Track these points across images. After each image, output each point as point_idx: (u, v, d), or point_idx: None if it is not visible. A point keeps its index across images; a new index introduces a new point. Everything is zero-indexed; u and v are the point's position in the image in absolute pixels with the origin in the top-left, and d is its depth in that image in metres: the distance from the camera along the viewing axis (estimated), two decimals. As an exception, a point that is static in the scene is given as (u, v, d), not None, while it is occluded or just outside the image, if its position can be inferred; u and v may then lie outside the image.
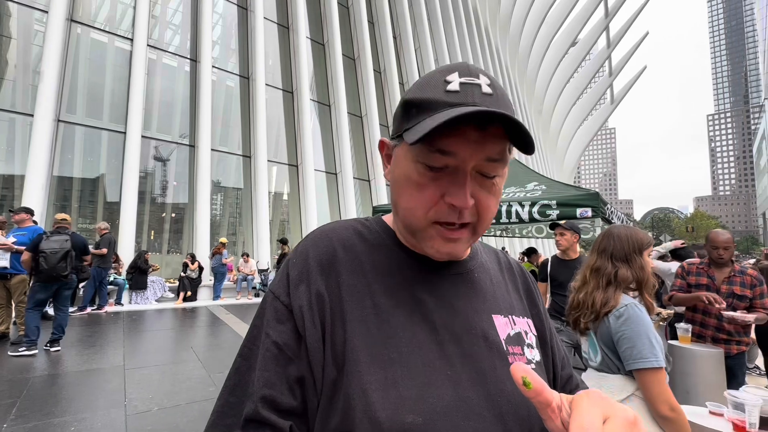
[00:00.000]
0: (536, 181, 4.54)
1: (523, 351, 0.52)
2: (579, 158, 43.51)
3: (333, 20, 14.25)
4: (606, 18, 36.07)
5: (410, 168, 0.47)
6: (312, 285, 0.48)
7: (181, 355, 4.58)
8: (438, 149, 0.44)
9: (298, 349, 0.45)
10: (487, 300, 0.54)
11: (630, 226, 1.58)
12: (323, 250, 0.51)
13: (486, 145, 0.44)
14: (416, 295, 0.49)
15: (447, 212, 0.46)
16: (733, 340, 2.54)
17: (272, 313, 0.48)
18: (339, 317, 0.46)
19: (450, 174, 0.45)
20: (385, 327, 0.46)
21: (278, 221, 13.69)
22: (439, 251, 0.48)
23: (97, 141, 9.75)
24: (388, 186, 0.51)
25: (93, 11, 10.08)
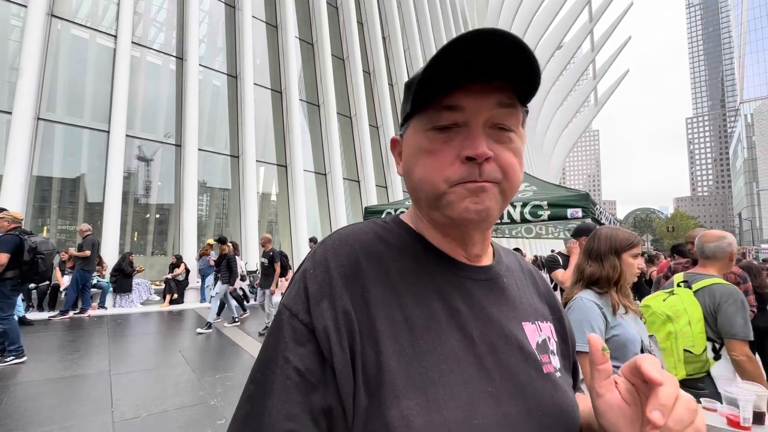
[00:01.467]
0: (527, 182, 4.60)
1: (550, 359, 0.50)
2: (564, 159, 44.34)
3: (322, 20, 14.19)
4: (590, 22, 36.87)
5: (421, 139, 0.45)
6: (337, 301, 0.42)
7: (168, 359, 4.48)
8: (444, 106, 0.43)
9: (322, 375, 0.40)
10: (516, 307, 0.51)
11: (616, 228, 1.62)
12: (345, 260, 0.45)
13: (492, 93, 0.42)
14: (450, 304, 0.45)
15: (466, 170, 0.43)
16: None
17: (290, 333, 0.42)
18: (369, 337, 0.41)
19: (462, 132, 0.43)
20: (420, 343, 0.41)
21: (266, 222, 13.54)
22: (469, 208, 0.43)
23: (79, 140, 9.47)
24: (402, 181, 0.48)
25: (74, 6, 9.79)
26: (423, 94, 0.44)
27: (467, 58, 0.39)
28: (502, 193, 0.45)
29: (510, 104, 0.43)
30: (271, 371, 0.41)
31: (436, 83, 0.42)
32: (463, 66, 0.40)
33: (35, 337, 5.18)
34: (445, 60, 0.40)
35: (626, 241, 1.54)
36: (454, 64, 0.40)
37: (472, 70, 0.41)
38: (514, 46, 0.39)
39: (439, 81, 0.42)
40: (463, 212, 0.43)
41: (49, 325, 5.93)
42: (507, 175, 0.44)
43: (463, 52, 0.39)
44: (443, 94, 0.43)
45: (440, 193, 0.44)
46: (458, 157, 0.43)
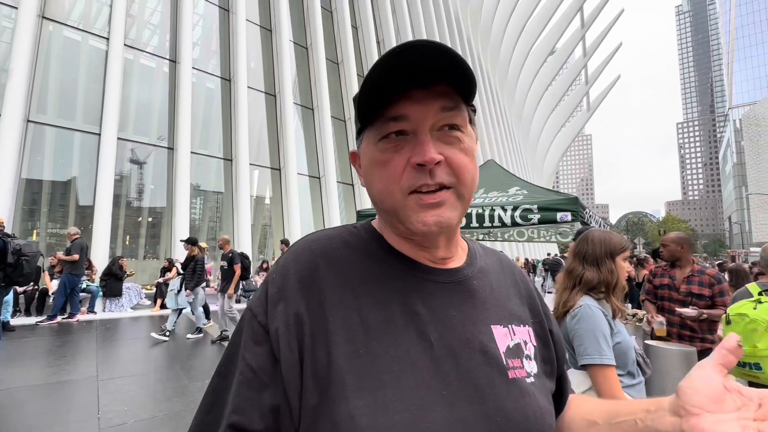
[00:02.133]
0: (518, 185, 4.63)
1: (522, 363, 0.49)
2: (557, 164, 44.70)
3: (316, 24, 14.24)
4: (582, 29, 37.37)
5: (373, 151, 0.46)
6: (290, 304, 0.44)
7: (158, 365, 4.43)
8: (390, 118, 0.44)
9: (273, 374, 0.42)
10: (486, 309, 0.50)
11: (607, 231, 1.61)
12: (304, 265, 0.47)
13: (434, 99, 0.44)
14: (410, 307, 0.45)
15: (417, 175, 0.43)
16: (696, 337, 2.65)
17: (250, 333, 0.45)
18: (322, 338, 0.42)
19: (410, 140, 0.44)
20: (374, 345, 0.42)
21: (260, 225, 13.48)
22: (426, 222, 0.44)
23: (70, 142, 9.38)
24: None
25: (66, 8, 9.73)
26: (366, 108, 0.45)
27: (401, 69, 0.41)
28: (459, 197, 0.45)
29: (453, 107, 0.44)
30: (233, 366, 0.44)
31: (376, 97, 0.43)
32: (399, 76, 0.42)
33: (22, 342, 5.10)
34: (381, 73, 0.41)
35: (620, 244, 1.53)
36: (391, 77, 0.42)
37: (408, 79, 0.42)
38: (442, 53, 0.41)
39: (378, 94, 0.43)
40: (422, 226, 0.44)
41: (36, 331, 5.84)
42: (460, 176, 0.45)
43: (396, 64, 0.41)
44: (387, 106, 0.44)
45: (398, 202, 0.45)
46: (409, 163, 0.44)
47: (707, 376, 0.37)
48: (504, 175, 5.14)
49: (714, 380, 0.37)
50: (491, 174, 5.12)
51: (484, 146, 25.24)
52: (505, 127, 30.45)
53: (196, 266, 5.80)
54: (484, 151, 24.58)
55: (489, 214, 4.14)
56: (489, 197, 4.55)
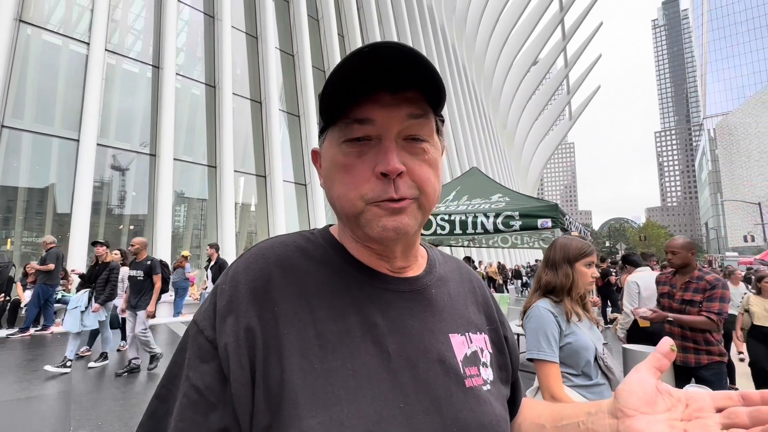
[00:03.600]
0: (500, 193, 4.71)
1: (479, 371, 0.48)
2: (542, 171, 45.59)
3: (303, 32, 14.29)
4: (563, 40, 38.46)
5: (335, 152, 0.44)
6: (241, 317, 0.41)
7: (135, 377, 4.29)
8: (354, 119, 0.42)
9: (222, 394, 0.39)
10: (444, 318, 0.49)
11: (572, 237, 1.67)
12: (257, 274, 0.44)
13: (402, 106, 0.42)
14: (367, 318, 0.44)
15: (381, 186, 0.42)
16: (701, 350, 2.51)
17: (195, 349, 0.41)
18: (275, 353, 0.40)
19: (374, 146, 0.43)
20: (330, 359, 0.40)
21: (245, 233, 13.31)
22: (386, 227, 0.42)
23: (47, 148, 9.13)
24: None
25: (46, 13, 9.54)
26: (330, 106, 0.43)
27: (368, 70, 0.40)
28: (420, 208, 0.44)
29: (421, 115, 0.43)
30: (175, 387, 0.41)
31: (341, 95, 0.42)
32: (369, 77, 0.40)
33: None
34: (349, 71, 0.40)
35: (579, 250, 1.59)
36: (360, 77, 0.40)
37: (377, 81, 0.41)
38: (413, 57, 0.39)
39: (345, 93, 0.41)
40: (381, 231, 0.43)
41: (7, 344, 5.61)
42: (422, 189, 0.44)
43: (362, 65, 0.39)
44: (353, 106, 0.42)
45: (358, 211, 0.43)
46: (373, 172, 0.42)
47: (642, 379, 0.38)
48: (487, 182, 5.22)
49: (648, 383, 0.38)
50: (475, 181, 5.19)
51: (470, 153, 25.57)
52: (490, 135, 30.95)
53: (110, 275, 4.77)
54: (469, 159, 24.90)
55: (472, 221, 4.19)
56: (472, 204, 4.61)
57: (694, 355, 2.53)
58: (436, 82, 0.41)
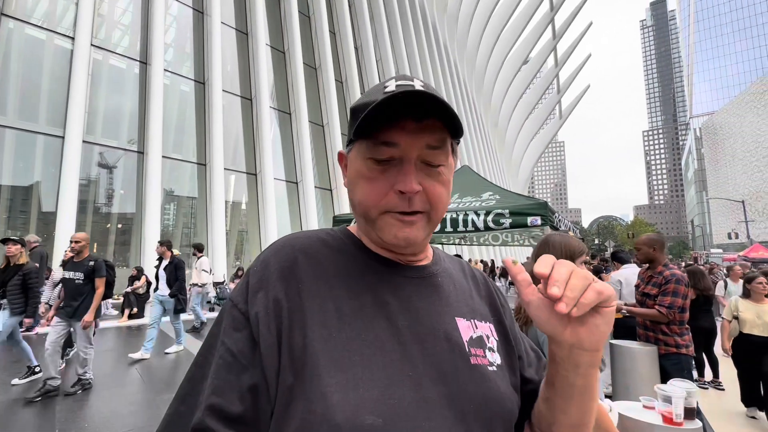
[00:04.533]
0: (491, 191, 4.73)
1: (485, 353, 0.52)
2: (532, 169, 45.97)
3: (294, 29, 14.18)
4: (554, 40, 38.76)
5: (361, 165, 0.50)
6: (270, 291, 0.47)
7: (123, 378, 4.24)
8: (382, 142, 0.48)
9: (252, 357, 0.44)
10: (450, 303, 0.54)
11: (566, 235, 1.68)
12: (284, 257, 0.51)
13: (424, 134, 0.48)
14: (380, 298, 0.49)
15: (398, 201, 0.48)
16: (660, 340, 2.65)
17: (230, 320, 0.47)
18: (298, 322, 0.45)
19: (396, 165, 0.48)
20: (347, 330, 0.45)
21: (236, 231, 13.20)
22: (397, 236, 0.49)
23: (32, 145, 8.94)
24: None
25: (29, 6, 9.31)
26: (363, 128, 0.49)
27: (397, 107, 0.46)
28: (430, 221, 0.51)
29: (437, 147, 0.49)
30: (211, 355, 0.46)
31: (374, 123, 0.48)
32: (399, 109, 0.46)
33: (-27, 358, 4.77)
34: (383, 105, 0.46)
35: (578, 248, 1.60)
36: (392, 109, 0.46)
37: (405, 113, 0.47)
38: (433, 99, 0.46)
39: (377, 121, 0.47)
40: (392, 239, 0.49)
41: (-9, 345, 5.47)
42: (434, 205, 0.50)
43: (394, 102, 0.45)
44: (381, 129, 0.48)
45: (374, 217, 0.50)
46: (392, 189, 0.48)
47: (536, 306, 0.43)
48: (478, 180, 5.24)
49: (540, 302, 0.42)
50: (466, 179, 5.21)
51: (461, 151, 25.68)
52: (482, 133, 31.10)
53: (29, 281, 3.95)
54: (461, 157, 25.00)
55: (463, 219, 4.21)
56: (463, 202, 4.63)
57: (654, 345, 2.68)
58: (453, 122, 0.48)
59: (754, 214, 66.07)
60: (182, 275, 5.34)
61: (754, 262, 19.60)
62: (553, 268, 0.40)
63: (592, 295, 0.38)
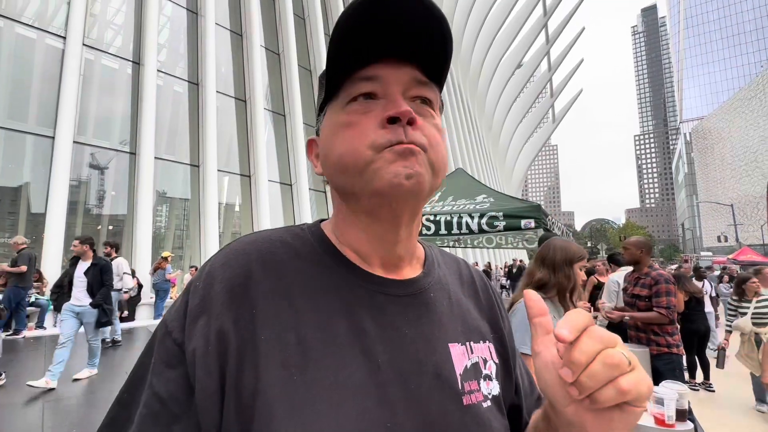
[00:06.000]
0: (485, 193, 4.75)
1: (479, 386, 0.44)
2: (526, 172, 46.31)
3: (288, 30, 14.16)
4: (547, 44, 39.17)
5: (338, 116, 0.43)
6: (213, 320, 0.37)
7: (112, 382, 4.17)
8: (361, 78, 0.41)
9: (187, 404, 0.36)
10: (442, 326, 0.45)
11: (568, 240, 1.75)
12: (236, 272, 0.40)
13: (407, 67, 0.41)
14: (356, 324, 0.40)
15: (391, 132, 0.39)
16: (652, 341, 2.70)
17: (162, 352, 0.38)
18: (250, 360, 0.36)
19: (381, 102, 0.41)
20: (312, 369, 0.36)
21: (229, 233, 13.10)
22: (398, 172, 0.38)
23: (21, 146, 8.81)
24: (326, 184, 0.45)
25: (20, 4, 9.20)
26: (336, 69, 0.42)
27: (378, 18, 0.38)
28: (431, 164, 0.41)
29: (425, 82, 0.43)
30: (138, 392, 0.38)
31: (349, 52, 0.40)
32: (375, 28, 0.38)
33: (-43, 362, 4.65)
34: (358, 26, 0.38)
35: (579, 252, 1.66)
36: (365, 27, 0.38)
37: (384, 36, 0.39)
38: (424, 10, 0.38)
39: (349, 50, 0.40)
40: (393, 178, 0.38)
41: (-24, 349, 5.35)
42: (432, 144, 0.41)
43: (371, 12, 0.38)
44: (357, 69, 0.41)
45: (367, 161, 0.39)
46: (380, 122, 0.40)
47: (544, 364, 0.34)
48: (472, 183, 5.27)
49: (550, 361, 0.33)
50: (460, 182, 5.23)
51: (456, 154, 25.78)
52: (476, 136, 31.28)
53: None
54: (455, 159, 25.10)
55: (457, 222, 4.22)
56: (457, 205, 4.64)
57: (646, 346, 2.71)
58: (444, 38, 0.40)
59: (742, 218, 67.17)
60: (109, 280, 4.52)
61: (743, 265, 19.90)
62: (580, 338, 0.30)
63: (612, 394, 0.29)
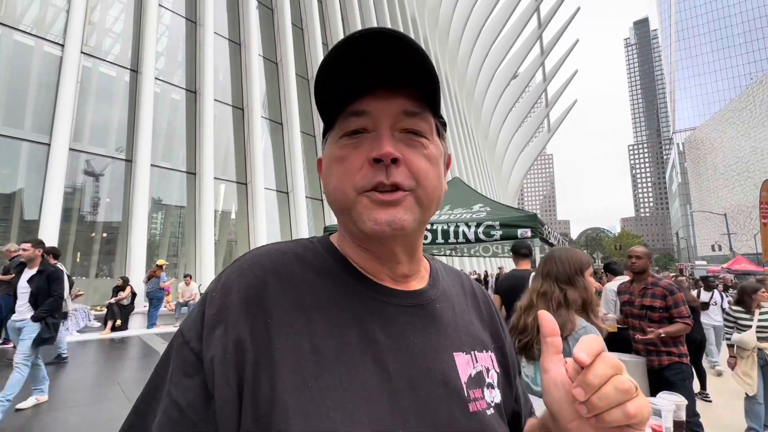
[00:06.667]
0: (481, 203, 4.78)
1: (483, 394, 0.46)
2: (521, 181, 46.60)
3: (287, 40, 14.29)
4: (542, 55, 39.76)
5: (333, 148, 0.44)
6: (231, 329, 0.38)
7: (104, 393, 4.09)
8: (352, 112, 0.42)
9: (205, 412, 0.37)
10: (448, 335, 0.47)
11: (569, 248, 1.64)
12: (251, 282, 0.41)
13: (398, 99, 0.42)
14: (367, 333, 0.41)
15: (374, 174, 0.40)
16: (662, 351, 2.62)
17: (179, 362, 0.39)
18: (266, 369, 0.37)
19: (370, 137, 0.42)
20: (326, 377, 0.37)
21: (225, 241, 13.02)
22: (377, 220, 0.40)
23: (16, 152, 8.75)
24: None
25: (18, 12, 9.23)
26: (327, 105, 0.43)
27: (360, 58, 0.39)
28: (418, 202, 0.42)
29: (416, 113, 0.43)
30: (155, 401, 0.39)
31: (335, 92, 0.42)
32: (359, 67, 0.40)
33: (-56, 373, 4.54)
34: (337, 65, 0.40)
35: (585, 259, 1.56)
36: (349, 66, 0.40)
37: (369, 71, 0.40)
38: (404, 45, 0.39)
39: (337, 89, 0.41)
40: (374, 225, 0.40)
41: (-36, 359, 5.25)
42: (419, 180, 0.42)
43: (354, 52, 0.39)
44: (349, 102, 0.42)
45: (350, 202, 0.42)
46: (366, 160, 0.41)
47: (553, 381, 0.36)
48: (469, 192, 5.29)
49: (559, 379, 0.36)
50: (457, 191, 5.25)
51: (453, 163, 25.91)
52: (472, 146, 31.50)
53: None
54: (452, 169, 25.24)
55: (454, 231, 4.23)
56: (454, 214, 4.66)
57: (656, 357, 2.64)
58: (429, 72, 0.41)
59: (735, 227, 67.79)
60: (58, 289, 3.74)
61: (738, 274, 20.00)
62: (594, 362, 0.33)
63: (619, 416, 0.32)
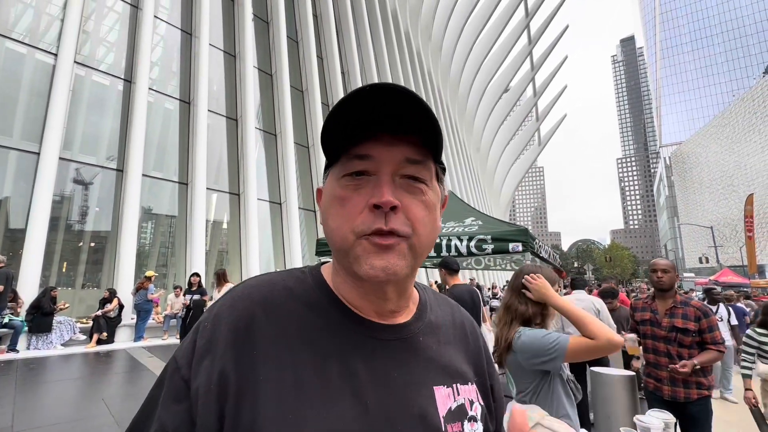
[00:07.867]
0: (473, 216, 4.82)
1: (462, 428, 0.46)
2: (513, 194, 47.12)
3: (282, 53, 14.42)
4: (532, 71, 40.69)
5: (334, 187, 0.45)
6: (217, 360, 0.40)
7: (88, 410, 3.98)
8: (355, 155, 0.44)
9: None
10: (429, 369, 0.48)
11: (538, 265, 1.72)
12: (240, 314, 0.43)
13: (401, 146, 0.43)
14: (348, 367, 0.43)
15: (373, 218, 0.42)
16: (692, 382, 2.30)
17: (170, 388, 0.42)
18: (249, 400, 0.39)
19: (372, 181, 0.43)
20: (305, 409, 0.39)
21: (216, 251, 12.88)
22: (374, 266, 0.41)
23: (3, 160, 8.62)
24: None
25: (11, 20, 9.20)
26: (333, 144, 0.45)
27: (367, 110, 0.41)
28: (411, 249, 0.43)
29: (418, 161, 0.44)
30: (149, 423, 0.41)
31: (341, 134, 0.43)
32: (365, 117, 0.42)
33: None
34: (348, 112, 0.41)
35: (551, 278, 1.64)
36: (362, 118, 0.42)
37: (375, 118, 0.42)
38: (409, 100, 0.41)
39: (343, 132, 0.43)
40: (369, 270, 0.41)
41: (-59, 374, 5.07)
42: (415, 228, 0.43)
43: (361, 104, 0.41)
44: (356, 143, 0.43)
45: (348, 245, 0.42)
46: (366, 205, 0.42)
47: None
48: (461, 206, 5.34)
49: None
50: (449, 205, 5.29)
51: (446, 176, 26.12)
52: (465, 159, 31.85)
53: None
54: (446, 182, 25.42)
55: (446, 244, 4.25)
56: (446, 227, 4.69)
57: (684, 389, 2.32)
58: (435, 128, 0.43)
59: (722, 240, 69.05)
60: None
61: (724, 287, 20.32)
62: None
63: None
